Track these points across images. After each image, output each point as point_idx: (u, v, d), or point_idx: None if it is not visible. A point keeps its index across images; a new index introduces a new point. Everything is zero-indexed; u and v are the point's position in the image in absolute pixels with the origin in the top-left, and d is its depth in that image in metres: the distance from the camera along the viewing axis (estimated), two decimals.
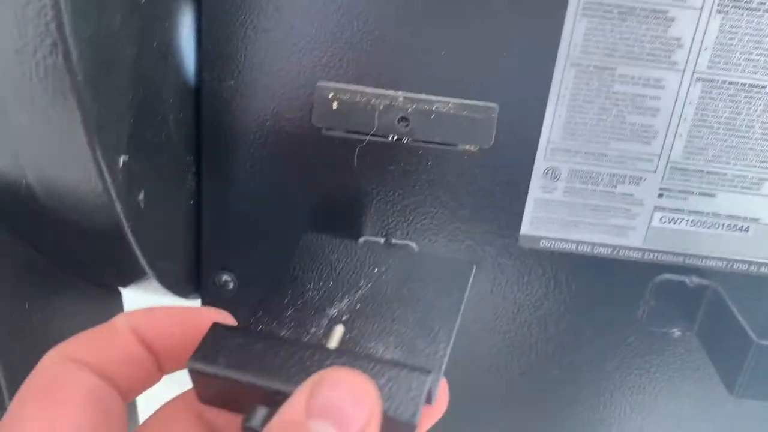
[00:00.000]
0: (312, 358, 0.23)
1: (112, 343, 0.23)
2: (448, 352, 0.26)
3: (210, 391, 0.24)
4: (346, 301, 0.28)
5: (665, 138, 0.38)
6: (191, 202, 0.40)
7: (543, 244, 0.41)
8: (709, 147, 0.38)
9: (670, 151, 0.38)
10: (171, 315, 0.24)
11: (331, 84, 0.37)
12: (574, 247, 0.41)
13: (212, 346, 0.23)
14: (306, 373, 0.22)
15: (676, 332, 0.43)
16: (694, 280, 0.42)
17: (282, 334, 0.26)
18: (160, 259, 0.36)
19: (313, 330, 0.27)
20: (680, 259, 0.41)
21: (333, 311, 0.28)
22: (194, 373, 0.23)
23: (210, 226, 0.41)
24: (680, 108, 0.37)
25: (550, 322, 0.43)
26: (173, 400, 0.25)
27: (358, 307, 0.28)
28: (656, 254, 0.41)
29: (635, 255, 0.41)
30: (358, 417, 0.20)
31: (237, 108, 0.38)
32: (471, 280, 0.30)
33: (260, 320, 0.27)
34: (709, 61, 0.36)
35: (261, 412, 0.22)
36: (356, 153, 0.39)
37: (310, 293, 0.29)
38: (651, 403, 0.46)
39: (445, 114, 0.38)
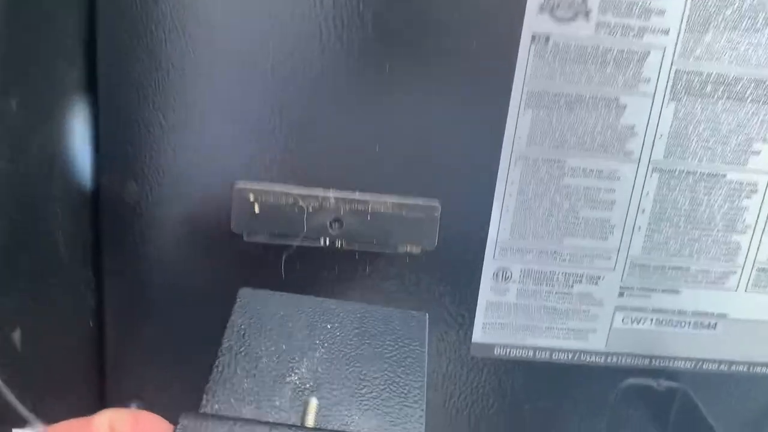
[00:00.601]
0: None
1: None
2: (423, 411, 0.26)
3: None
4: (305, 365, 0.26)
5: (623, 232, 0.35)
6: (91, 323, 0.34)
7: (497, 352, 0.37)
8: (670, 241, 0.35)
9: (629, 246, 0.35)
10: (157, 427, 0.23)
11: (252, 185, 0.33)
12: (530, 354, 0.37)
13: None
14: None
15: None
16: (662, 384, 0.38)
17: (245, 412, 0.24)
18: (49, 399, 0.31)
19: (278, 403, 0.25)
20: (646, 362, 0.37)
21: (294, 378, 0.26)
22: None
23: (115, 349, 0.35)
24: (637, 200, 0.34)
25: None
26: None
27: (319, 370, 0.26)
28: (620, 357, 0.37)
29: (598, 360, 0.37)
30: None
31: (142, 214, 0.33)
32: (427, 330, 0.29)
33: (218, 398, 0.24)
34: (666, 150, 0.33)
35: None
36: (283, 260, 0.34)
37: (264, 360, 0.26)
38: None
39: (383, 214, 0.33)
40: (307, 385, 0.26)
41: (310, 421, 0.24)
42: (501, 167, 0.33)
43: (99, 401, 0.36)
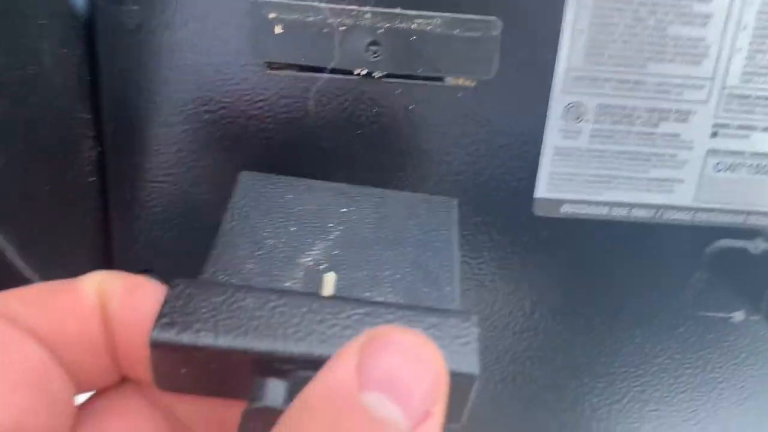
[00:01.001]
0: (321, 311, 0.18)
1: (70, 311, 0.18)
2: (458, 296, 0.22)
3: (178, 373, 0.18)
4: (318, 246, 0.23)
5: (719, 54, 0.29)
6: (92, 179, 0.29)
7: (566, 210, 0.31)
8: None
9: (726, 72, 0.29)
10: (153, 304, 0.19)
11: (273, 0, 0.27)
12: (605, 210, 0.31)
13: (180, 308, 0.18)
14: (322, 331, 0.18)
15: (739, 316, 0.34)
16: (759, 246, 0.32)
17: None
18: (52, 263, 0.26)
19: (288, 284, 0.22)
20: (741, 219, 0.32)
21: (306, 260, 0.23)
22: (160, 349, 0.18)
23: (121, 213, 0.30)
24: (737, 12, 0.28)
25: (576, 310, 0.33)
26: (117, 387, 0.20)
27: (335, 253, 0.23)
28: (711, 213, 0.32)
29: (684, 216, 0.32)
30: (425, 391, 0.16)
31: (145, 40, 0.28)
32: (457, 217, 0.26)
33: (216, 279, 0.21)
34: None
35: (275, 386, 0.17)
36: (311, 96, 0.29)
37: (271, 241, 0.23)
38: (709, 408, 0.36)
39: (430, 34, 0.28)
40: (321, 267, 0.23)
41: (327, 293, 0.21)
42: None
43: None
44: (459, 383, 0.18)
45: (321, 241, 0.24)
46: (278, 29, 0.27)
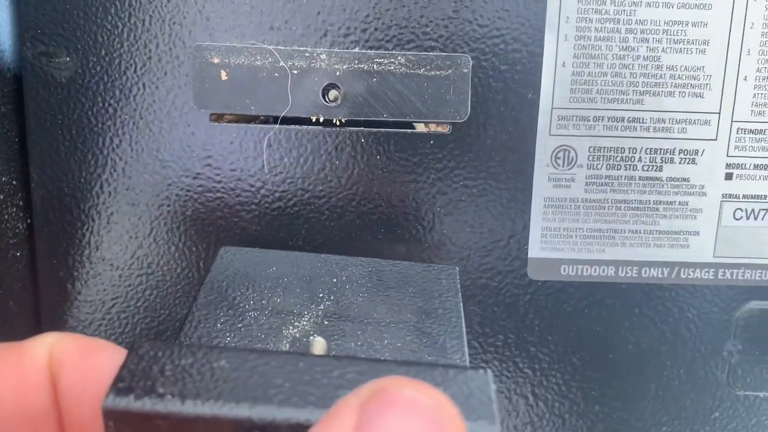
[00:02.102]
0: (310, 370, 0.16)
1: (12, 377, 0.16)
2: (468, 362, 0.20)
3: None
4: (307, 317, 0.22)
5: (723, 84, 0.25)
6: (19, 253, 0.26)
7: (565, 271, 0.27)
8: None
9: (734, 104, 0.26)
10: (107, 371, 0.16)
11: (217, 44, 0.25)
12: (612, 271, 0.27)
13: (141, 371, 0.16)
14: (311, 392, 0.15)
15: None
16: None
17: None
18: None
19: None
20: None
21: (293, 330, 0.21)
22: (115, 418, 0.15)
23: (52, 294, 0.27)
24: (738, 37, 0.25)
25: (588, 395, 0.28)
26: None
27: (326, 323, 0.22)
28: (736, 270, 0.27)
29: (705, 275, 0.27)
30: None
31: (77, 93, 0.25)
32: (458, 284, 0.24)
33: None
34: None
35: None
36: (264, 147, 0.25)
37: (252, 313, 0.22)
38: None
39: (394, 75, 0.25)
40: (310, 338, 0.21)
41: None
42: None
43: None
44: None
45: (309, 311, 0.22)
46: (224, 75, 0.25)
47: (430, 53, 0.25)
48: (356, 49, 0.25)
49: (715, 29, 0.25)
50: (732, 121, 0.26)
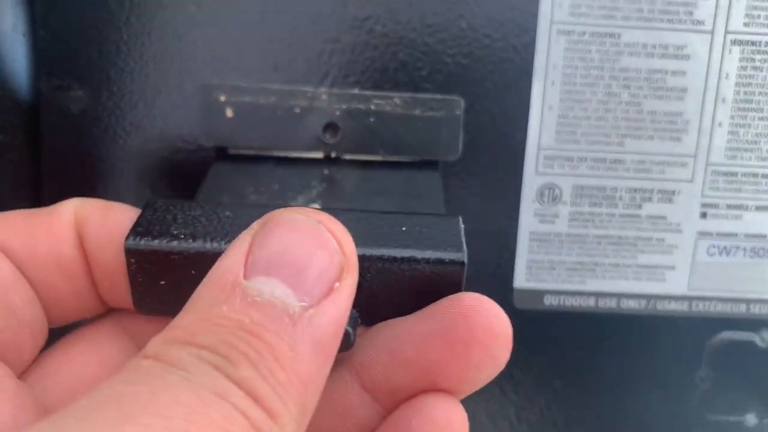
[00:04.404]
0: None
1: (43, 231, 0.18)
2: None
3: (157, 287, 0.18)
4: (300, 199, 0.23)
5: (700, 129, 0.27)
6: None
7: (549, 301, 0.29)
8: (761, 139, 0.27)
9: (709, 148, 0.27)
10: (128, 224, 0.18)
11: (224, 82, 0.26)
12: (592, 302, 0.29)
13: (156, 220, 0.18)
14: None
15: (751, 419, 0.30)
16: (766, 338, 0.29)
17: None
18: None
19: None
20: (743, 308, 0.29)
21: (291, 204, 0.23)
22: (135, 256, 0.18)
23: None
24: (714, 85, 0.27)
25: (569, 419, 0.30)
26: (97, 318, 0.20)
27: (318, 204, 0.23)
28: (709, 303, 0.29)
29: (680, 307, 0.29)
30: (321, 269, 0.14)
31: (90, 126, 0.26)
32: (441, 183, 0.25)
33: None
34: (746, 16, 0.26)
35: None
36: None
37: (253, 197, 0.23)
38: None
39: (390, 115, 0.26)
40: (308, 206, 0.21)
41: None
42: (538, 46, 0.26)
43: None
44: (449, 271, 0.18)
45: (303, 195, 0.24)
46: (229, 113, 0.26)
47: (425, 95, 0.26)
48: (355, 90, 0.26)
49: (692, 78, 0.27)
50: (707, 164, 0.27)
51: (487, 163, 0.27)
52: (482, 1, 0.26)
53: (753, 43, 0.26)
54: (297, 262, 0.14)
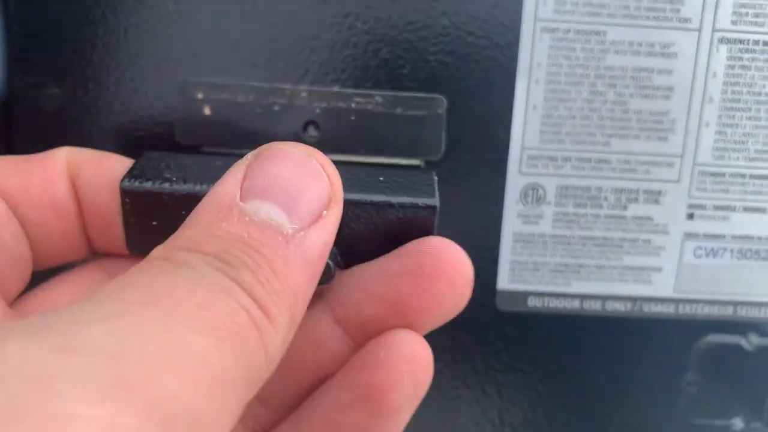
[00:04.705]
0: None
1: (36, 171, 0.19)
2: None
3: (149, 228, 0.19)
4: None
5: (686, 129, 0.27)
6: None
7: (532, 303, 0.28)
8: (748, 139, 0.27)
9: (696, 148, 0.27)
10: (121, 169, 0.20)
11: (202, 79, 0.25)
12: (576, 304, 0.28)
13: (150, 166, 0.20)
14: None
15: (738, 423, 0.30)
16: (753, 341, 0.29)
17: None
18: None
19: None
20: (730, 310, 0.28)
21: None
22: (130, 195, 0.19)
23: None
24: (701, 84, 0.26)
25: (553, 421, 0.29)
26: (82, 263, 0.21)
27: None
28: (696, 305, 0.28)
29: (666, 309, 0.28)
30: (312, 196, 0.16)
31: (66, 126, 0.26)
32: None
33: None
34: (733, 14, 0.26)
35: None
36: None
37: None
38: None
39: (371, 113, 0.26)
40: None
41: None
42: (522, 43, 0.26)
43: None
44: (422, 216, 0.19)
45: None
46: (207, 110, 0.25)
47: (407, 93, 0.26)
48: (336, 88, 0.26)
49: (679, 77, 0.26)
50: (694, 164, 0.27)
51: (470, 163, 0.27)
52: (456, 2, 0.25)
53: (741, 42, 0.26)
54: (290, 190, 0.16)
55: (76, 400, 0.11)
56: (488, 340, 0.28)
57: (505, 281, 0.28)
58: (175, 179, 0.19)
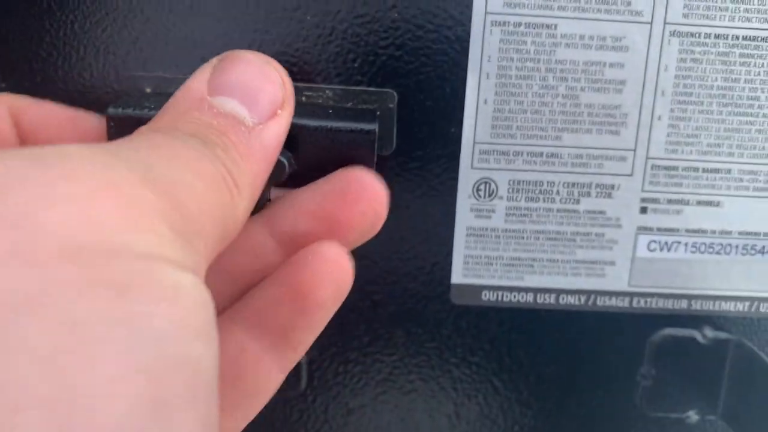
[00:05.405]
0: None
1: None
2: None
3: None
4: None
5: (639, 123, 0.27)
6: None
7: (486, 296, 0.28)
8: (701, 132, 0.27)
9: (648, 142, 0.27)
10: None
11: (149, 74, 0.25)
12: (530, 298, 0.28)
13: (134, 101, 0.22)
14: None
15: (693, 416, 0.30)
16: (708, 334, 0.29)
17: None
18: None
19: None
20: (684, 304, 0.28)
21: None
22: (116, 121, 0.21)
23: None
24: (653, 77, 0.26)
25: (508, 415, 0.30)
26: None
27: None
28: (650, 299, 0.28)
29: (620, 303, 0.28)
30: (271, 97, 0.19)
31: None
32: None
33: None
34: (684, 6, 0.26)
35: None
36: None
37: None
38: None
39: (321, 107, 0.26)
40: None
41: None
42: (473, 37, 0.25)
43: None
44: (363, 140, 0.22)
45: None
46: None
47: (357, 88, 0.26)
48: None
49: (631, 70, 0.26)
50: (647, 158, 0.27)
51: (421, 158, 0.27)
52: None
53: (692, 35, 0.26)
54: (251, 89, 0.18)
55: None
56: (443, 334, 0.28)
57: (458, 275, 0.28)
58: (154, 107, 0.21)
